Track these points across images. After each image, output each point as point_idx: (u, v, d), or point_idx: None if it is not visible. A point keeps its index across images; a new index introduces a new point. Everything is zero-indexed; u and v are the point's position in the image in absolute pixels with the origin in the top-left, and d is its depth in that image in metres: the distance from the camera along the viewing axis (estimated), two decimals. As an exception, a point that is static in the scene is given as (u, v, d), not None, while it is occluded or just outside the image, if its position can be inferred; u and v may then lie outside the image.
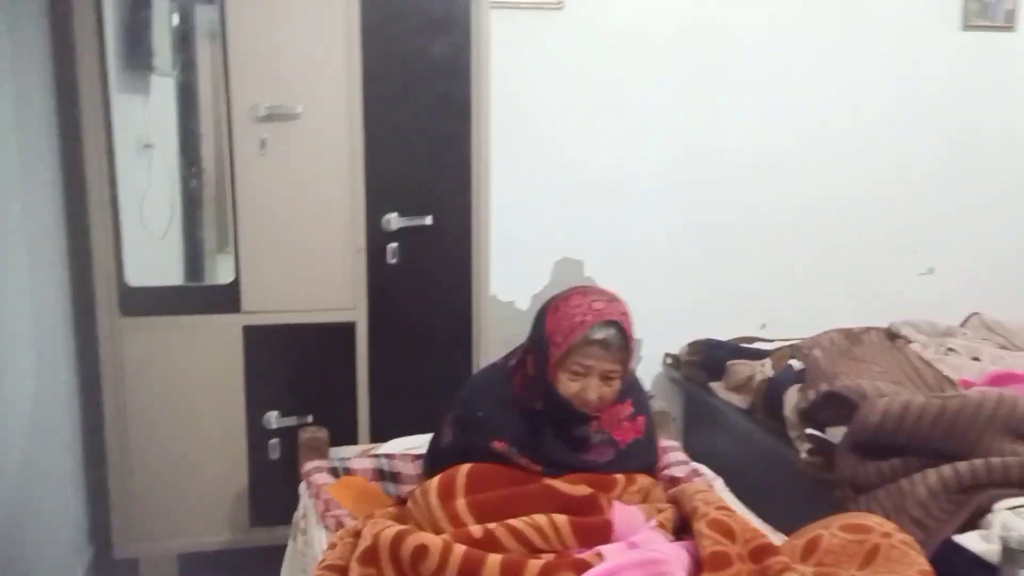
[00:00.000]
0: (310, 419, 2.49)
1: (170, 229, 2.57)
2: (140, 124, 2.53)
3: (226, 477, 2.49)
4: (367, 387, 2.53)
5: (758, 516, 1.97)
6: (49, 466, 2.22)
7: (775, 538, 1.78)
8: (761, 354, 3.02)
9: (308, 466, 2.06)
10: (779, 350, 2.99)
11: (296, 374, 2.50)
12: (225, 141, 2.38)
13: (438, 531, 1.51)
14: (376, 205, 2.47)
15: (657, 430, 1.83)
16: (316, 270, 2.45)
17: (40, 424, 2.12)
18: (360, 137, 2.43)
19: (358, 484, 2.01)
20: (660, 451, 1.82)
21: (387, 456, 2.13)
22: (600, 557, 1.43)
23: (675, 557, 1.44)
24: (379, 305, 2.52)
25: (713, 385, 2.99)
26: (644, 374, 3.26)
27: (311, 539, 1.88)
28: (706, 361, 3.08)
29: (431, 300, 2.58)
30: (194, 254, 2.65)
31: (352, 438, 2.49)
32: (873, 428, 2.04)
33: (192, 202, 2.63)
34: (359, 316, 2.51)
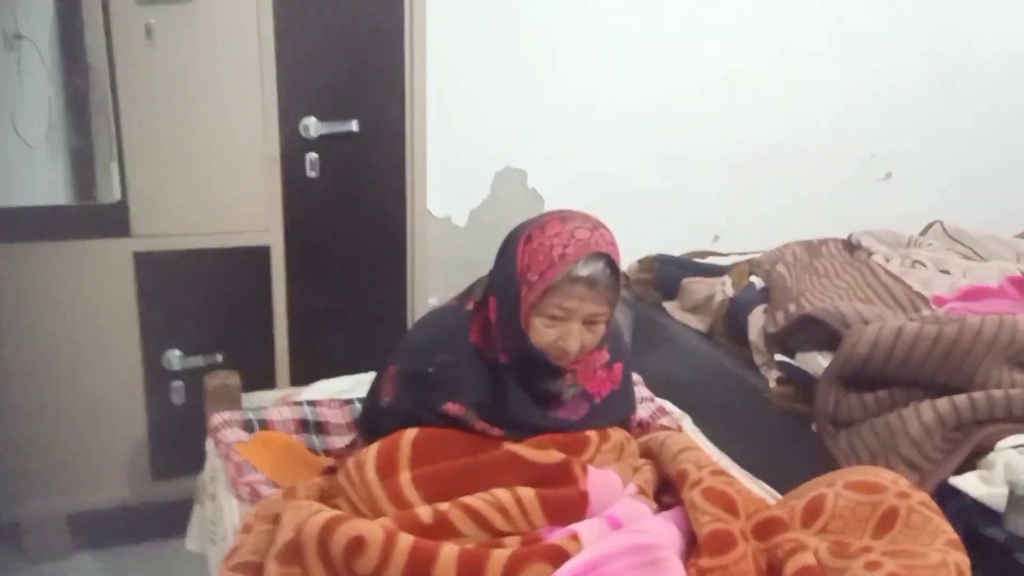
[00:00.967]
0: (219, 358, 2.16)
1: (49, 138, 2.15)
2: (6, 12, 2.07)
3: (122, 426, 2.16)
4: (285, 321, 2.21)
5: (726, 454, 1.77)
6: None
7: (766, 495, 1.58)
8: (717, 270, 2.79)
9: (216, 419, 1.75)
10: (737, 265, 2.77)
11: (200, 307, 2.15)
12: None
13: (377, 514, 1.23)
14: (291, 108, 2.11)
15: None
16: (220, 186, 2.09)
17: None
18: (270, 25, 2.05)
19: (277, 440, 1.71)
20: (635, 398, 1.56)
21: (311, 403, 1.84)
22: (577, 540, 1.18)
23: (666, 537, 1.20)
24: (297, 225, 2.18)
25: (667, 305, 2.75)
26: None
27: (220, 508, 1.59)
28: (658, 279, 2.83)
29: (358, 218, 2.24)
30: (79, 168, 2.23)
31: (269, 381, 2.19)
32: (862, 359, 1.83)
33: (76, 106, 2.19)
34: (274, 239, 2.16)
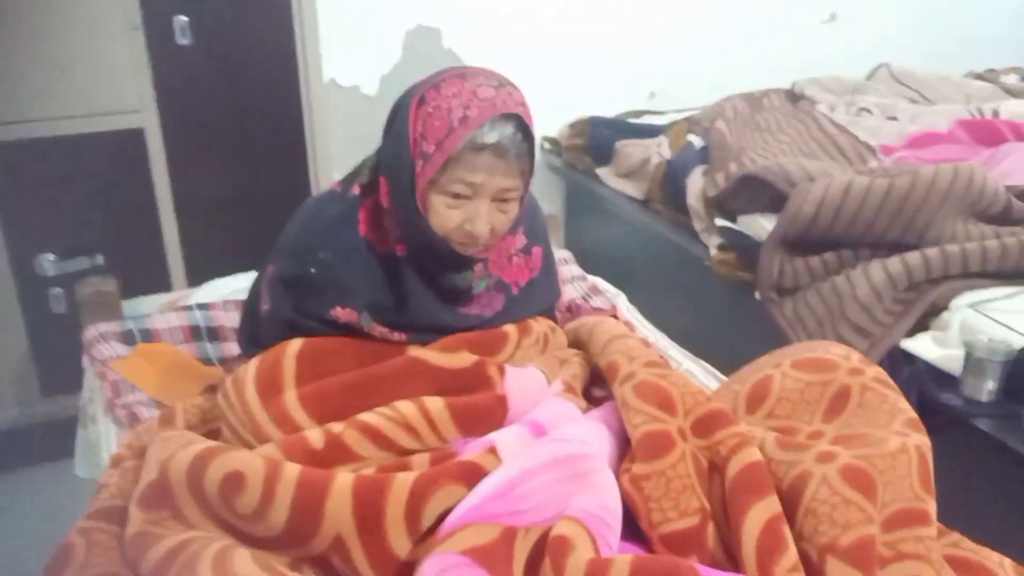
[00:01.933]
0: (100, 260, 1.92)
1: None
2: None
3: (1, 341, 1.93)
4: (172, 214, 1.97)
5: (661, 330, 1.63)
6: None
7: (707, 381, 1.44)
8: (654, 130, 2.59)
9: (91, 332, 1.54)
10: (674, 125, 2.57)
11: (72, 204, 1.90)
12: None
13: (262, 440, 1.06)
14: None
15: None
16: (74, 60, 1.81)
17: None
18: None
19: (161, 353, 1.51)
20: (559, 282, 1.38)
21: (202, 307, 1.64)
22: (494, 454, 1.02)
23: (596, 443, 1.05)
24: (173, 102, 1.92)
25: (600, 172, 2.55)
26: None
27: (98, 435, 1.40)
28: (591, 144, 2.62)
29: (244, 90, 1.98)
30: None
31: (162, 285, 1.96)
32: (808, 220, 1.67)
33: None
34: (148, 120, 1.90)
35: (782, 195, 1.86)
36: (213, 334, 1.60)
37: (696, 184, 2.17)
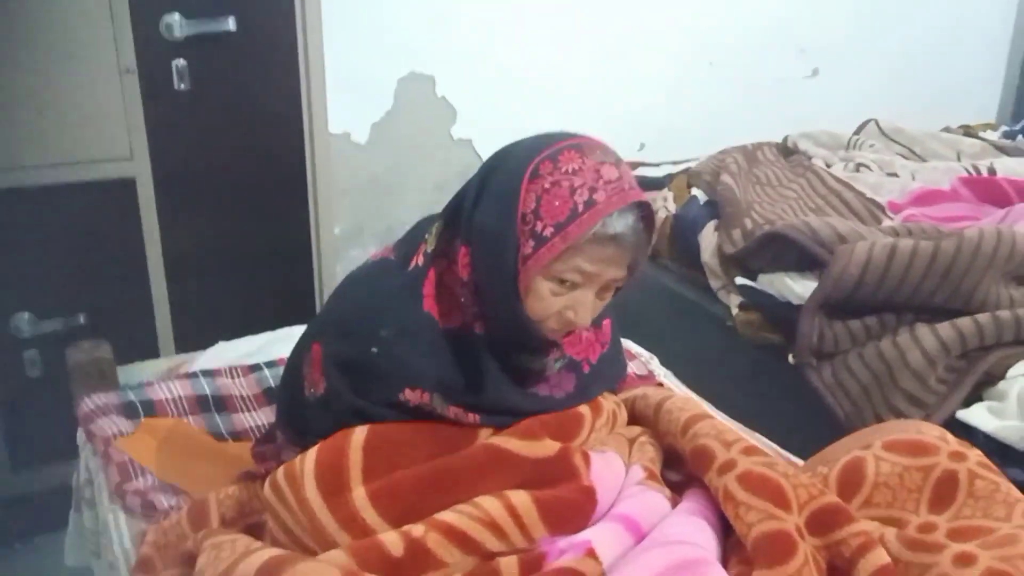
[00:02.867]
0: (82, 320, 1.76)
1: None
2: None
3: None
4: (162, 269, 1.83)
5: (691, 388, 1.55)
6: None
7: (776, 455, 1.35)
8: (652, 183, 2.52)
9: (87, 405, 1.39)
10: (674, 177, 2.52)
11: (53, 259, 1.74)
12: None
13: (324, 544, 0.92)
14: (148, 1, 1.68)
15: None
16: (64, 104, 1.67)
17: None
18: None
19: (169, 428, 1.36)
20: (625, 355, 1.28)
21: (207, 373, 1.50)
22: (594, 558, 0.91)
23: (706, 543, 0.95)
24: (167, 151, 1.78)
25: (601, 225, 2.47)
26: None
27: (104, 523, 1.24)
28: (588, 195, 2.54)
29: (243, 139, 1.85)
30: None
31: (149, 348, 1.80)
32: (853, 282, 1.61)
33: None
34: (139, 169, 1.76)
35: (808, 254, 1.80)
36: (221, 404, 1.46)
37: (710, 240, 2.11)
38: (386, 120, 2.43)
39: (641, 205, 0.97)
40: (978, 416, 1.49)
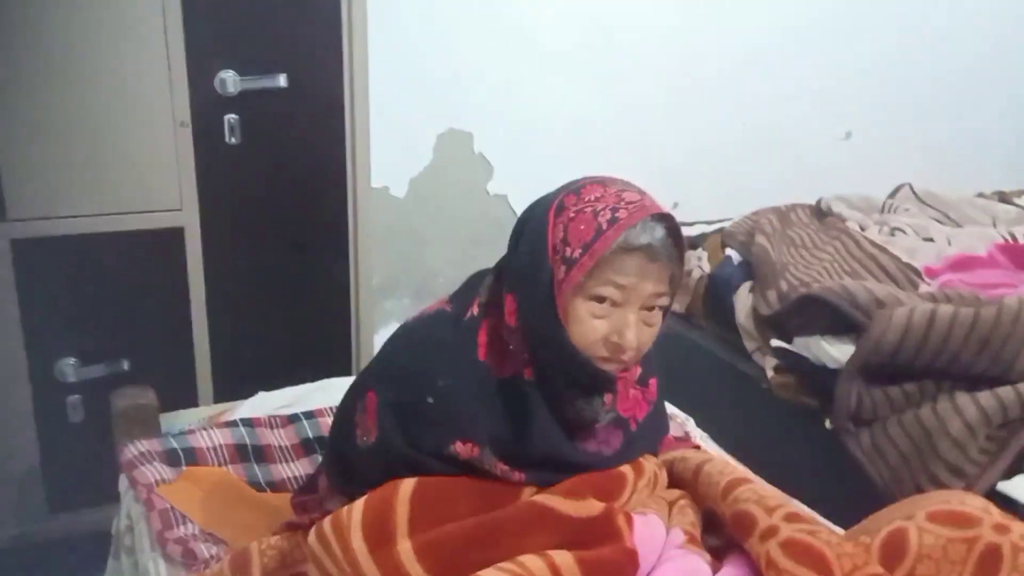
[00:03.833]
0: (125, 367, 1.80)
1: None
2: None
3: (9, 450, 1.79)
4: (205, 318, 1.86)
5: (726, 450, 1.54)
6: None
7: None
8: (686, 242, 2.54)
9: (130, 451, 1.41)
10: (707, 236, 2.53)
11: (99, 305, 1.79)
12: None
13: (369, 598, 0.93)
14: (205, 59, 1.75)
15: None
16: (118, 156, 1.73)
17: None
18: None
19: (210, 476, 1.38)
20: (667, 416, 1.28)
21: (247, 423, 1.52)
22: (636, 621, 0.90)
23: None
24: (216, 201, 1.84)
25: (634, 282, 2.49)
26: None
27: (145, 570, 1.25)
28: (622, 253, 2.56)
29: (289, 192, 1.89)
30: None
31: (190, 394, 1.84)
32: (891, 348, 1.61)
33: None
34: (188, 219, 1.81)
35: (845, 317, 1.80)
36: (260, 454, 1.48)
37: (745, 302, 2.11)
38: (425, 175, 2.48)
39: (667, 218, 0.99)
40: (1020, 488, 1.47)
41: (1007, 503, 1.48)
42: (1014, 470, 1.52)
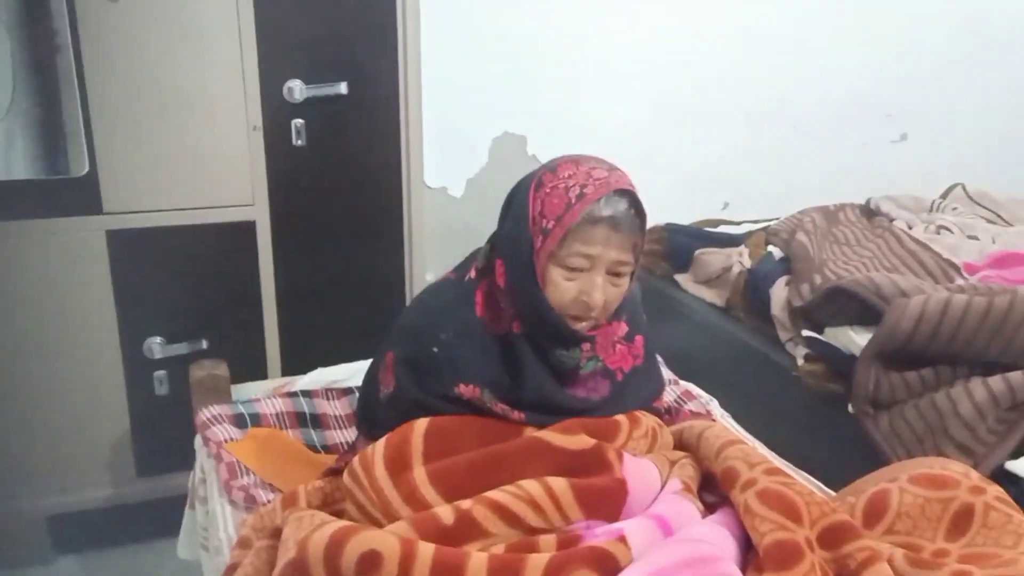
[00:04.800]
0: (204, 345, 2.00)
1: (12, 109, 1.96)
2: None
3: (102, 419, 2.00)
4: (274, 303, 2.05)
5: (759, 440, 1.64)
6: None
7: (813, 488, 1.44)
8: (731, 240, 2.63)
9: (204, 414, 1.59)
10: (752, 234, 2.61)
11: (182, 290, 1.99)
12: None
13: (390, 517, 1.09)
14: (274, 69, 1.94)
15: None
16: (198, 157, 1.92)
17: None
18: (248, -20, 1.87)
19: (271, 437, 1.56)
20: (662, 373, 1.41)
21: (306, 394, 1.69)
22: (624, 544, 1.03)
23: (724, 546, 1.06)
24: (284, 198, 2.01)
25: (679, 278, 2.60)
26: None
27: (213, 514, 1.43)
28: (669, 250, 2.68)
29: (349, 189, 2.08)
30: (45, 140, 2.04)
31: (259, 369, 2.03)
32: (906, 335, 1.69)
33: (40, 71, 2.00)
34: (259, 213, 2.00)
35: (872, 308, 1.88)
36: (316, 421, 1.65)
37: (780, 294, 2.19)
38: (480, 176, 2.64)
39: (629, 194, 1.14)
40: (1026, 467, 1.53)
41: (1012, 481, 1.54)
42: (1021, 450, 1.58)
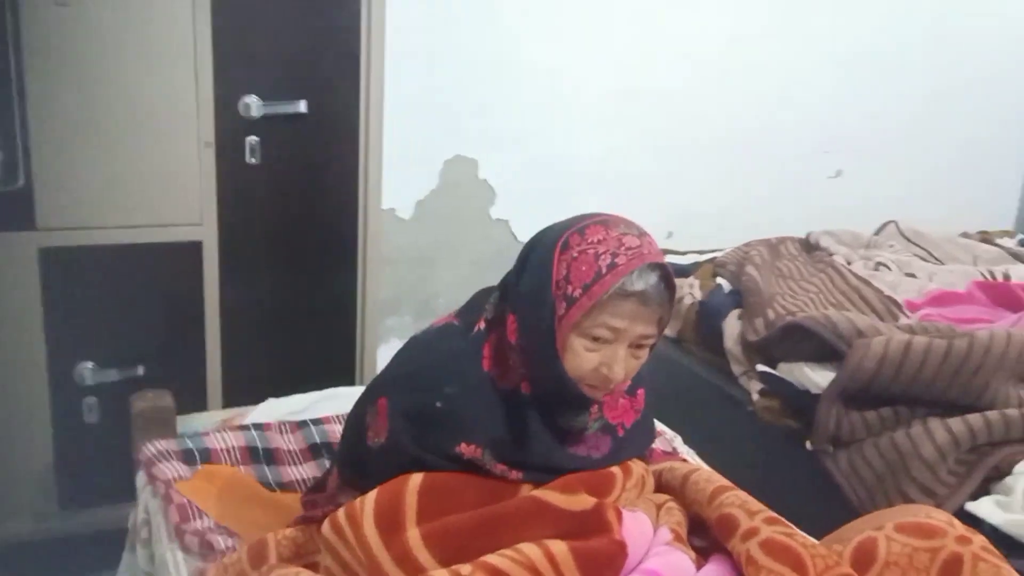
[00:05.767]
0: (140, 371, 1.88)
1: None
2: None
3: (25, 448, 1.87)
4: (218, 328, 1.95)
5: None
6: None
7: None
8: (678, 271, 2.64)
9: (149, 450, 1.49)
10: (699, 265, 2.63)
11: (119, 313, 1.87)
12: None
13: (378, 579, 1.01)
14: (229, 84, 1.86)
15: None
16: (145, 172, 1.82)
17: None
18: (205, -11, 1.78)
19: (226, 476, 1.46)
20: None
21: (258, 427, 1.60)
22: (623, 607, 0.99)
23: (726, 601, 1.03)
24: (234, 218, 1.93)
25: (628, 308, 2.58)
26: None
27: (163, 561, 1.33)
28: (617, 280, 2.66)
29: (303, 211, 2.00)
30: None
31: (199, 399, 1.92)
32: (869, 375, 1.71)
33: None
34: (207, 233, 1.90)
35: (828, 346, 1.90)
36: (270, 456, 1.56)
37: (733, 328, 2.21)
38: (429, 198, 2.57)
39: (661, 267, 1.08)
40: (986, 509, 1.55)
41: (973, 522, 1.56)
42: (981, 492, 1.61)
